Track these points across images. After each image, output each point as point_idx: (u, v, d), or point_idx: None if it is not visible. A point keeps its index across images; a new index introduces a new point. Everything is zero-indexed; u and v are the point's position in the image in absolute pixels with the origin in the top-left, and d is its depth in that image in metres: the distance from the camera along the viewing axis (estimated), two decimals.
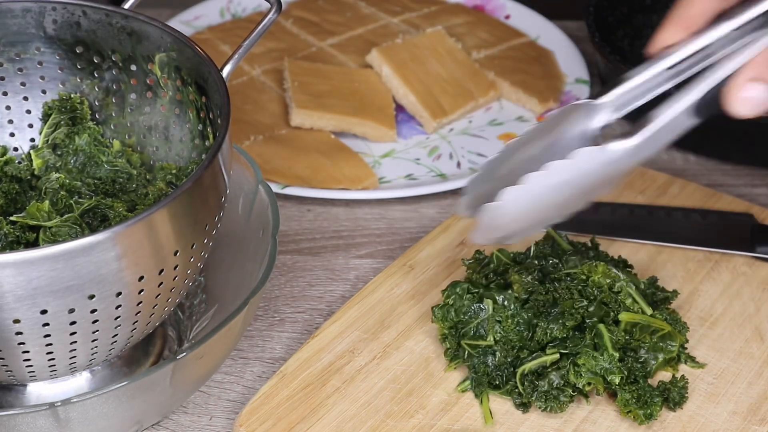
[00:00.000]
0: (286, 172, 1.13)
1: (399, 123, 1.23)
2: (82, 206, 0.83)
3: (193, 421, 0.89)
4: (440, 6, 1.41)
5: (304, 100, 1.20)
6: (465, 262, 0.95)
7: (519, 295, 0.88)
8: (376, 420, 0.85)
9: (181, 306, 0.95)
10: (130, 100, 0.91)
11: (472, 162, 1.17)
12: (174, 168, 0.88)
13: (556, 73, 1.30)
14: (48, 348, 0.75)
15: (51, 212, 0.82)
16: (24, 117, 0.93)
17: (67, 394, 0.85)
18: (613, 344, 0.86)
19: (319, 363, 0.90)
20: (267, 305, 1.00)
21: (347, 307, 0.95)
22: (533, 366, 0.86)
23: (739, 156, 1.16)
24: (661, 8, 1.35)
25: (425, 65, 1.27)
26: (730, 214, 1.05)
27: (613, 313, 0.87)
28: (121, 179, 0.89)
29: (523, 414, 0.86)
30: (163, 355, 0.91)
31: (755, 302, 0.96)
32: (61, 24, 0.89)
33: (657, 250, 1.02)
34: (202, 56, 0.84)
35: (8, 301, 0.70)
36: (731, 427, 0.85)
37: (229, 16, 1.40)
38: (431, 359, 0.90)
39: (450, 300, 0.89)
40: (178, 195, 0.74)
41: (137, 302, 0.76)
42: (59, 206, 0.83)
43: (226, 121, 0.79)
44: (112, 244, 0.71)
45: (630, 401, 0.84)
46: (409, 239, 1.08)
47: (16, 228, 0.81)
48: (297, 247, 1.07)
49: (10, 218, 0.81)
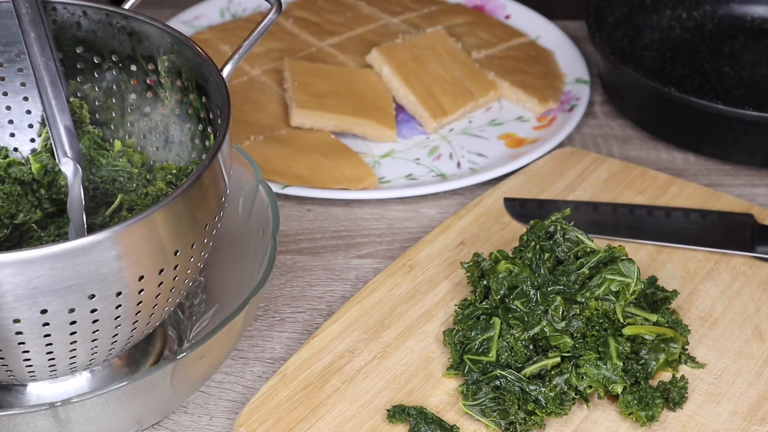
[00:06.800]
0: (286, 172, 1.13)
1: (399, 123, 1.23)
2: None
3: (193, 421, 0.89)
4: (440, 6, 1.41)
5: (304, 100, 1.20)
6: (464, 265, 0.95)
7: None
8: (376, 420, 0.85)
9: (181, 306, 0.95)
10: (130, 100, 0.91)
11: (472, 162, 1.17)
12: (174, 168, 0.88)
13: (556, 73, 1.30)
14: (48, 348, 0.75)
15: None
16: (24, 117, 0.93)
17: (67, 394, 0.85)
18: (618, 354, 0.86)
19: (319, 363, 0.90)
20: (267, 305, 1.00)
21: (347, 307, 0.95)
22: (535, 369, 0.86)
23: (739, 156, 1.17)
24: (661, 8, 1.35)
25: (425, 65, 1.27)
26: (730, 214, 1.05)
27: (616, 326, 0.88)
28: (122, 178, 0.89)
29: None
30: (163, 355, 0.91)
31: (755, 302, 0.96)
32: (61, 24, 0.89)
33: (657, 250, 1.02)
34: (203, 56, 0.84)
35: (8, 301, 0.70)
36: (731, 427, 0.85)
37: (229, 16, 1.40)
38: (431, 359, 0.90)
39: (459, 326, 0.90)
40: (178, 195, 0.74)
41: (137, 302, 0.76)
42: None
43: (226, 121, 0.79)
44: (112, 243, 0.71)
45: (631, 403, 0.84)
46: (409, 239, 1.08)
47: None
48: (297, 247, 1.07)
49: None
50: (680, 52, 1.31)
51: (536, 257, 0.91)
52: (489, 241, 1.03)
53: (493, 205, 1.07)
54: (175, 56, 0.86)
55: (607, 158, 1.14)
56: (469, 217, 1.05)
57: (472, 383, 0.87)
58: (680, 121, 1.17)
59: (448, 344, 0.90)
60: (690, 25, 1.35)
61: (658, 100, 1.17)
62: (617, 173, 1.11)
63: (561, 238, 0.92)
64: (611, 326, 0.87)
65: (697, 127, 1.16)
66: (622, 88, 1.22)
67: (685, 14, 1.36)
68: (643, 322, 0.88)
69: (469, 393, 0.86)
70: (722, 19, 1.36)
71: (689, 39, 1.33)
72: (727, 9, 1.36)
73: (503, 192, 1.09)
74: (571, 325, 0.87)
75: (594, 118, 1.25)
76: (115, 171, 0.89)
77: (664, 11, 1.36)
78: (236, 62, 0.84)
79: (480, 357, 0.87)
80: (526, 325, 0.87)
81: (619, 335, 0.87)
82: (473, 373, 0.87)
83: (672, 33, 1.34)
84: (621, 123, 1.25)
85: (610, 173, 1.11)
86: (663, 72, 1.27)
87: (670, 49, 1.31)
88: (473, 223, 1.05)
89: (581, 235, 0.92)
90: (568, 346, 0.86)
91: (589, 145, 1.21)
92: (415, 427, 0.84)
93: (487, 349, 0.87)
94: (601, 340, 0.86)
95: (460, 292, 0.97)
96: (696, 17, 1.36)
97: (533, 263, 0.91)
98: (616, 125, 1.24)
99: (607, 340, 0.86)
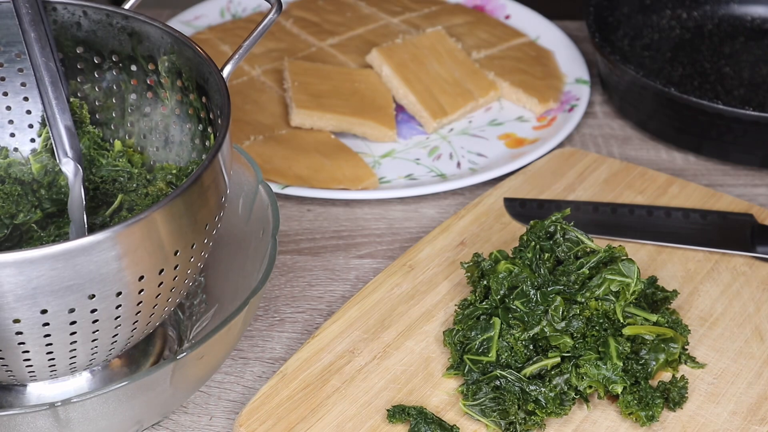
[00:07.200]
0: (286, 172, 1.13)
1: (399, 123, 1.23)
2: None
3: (193, 421, 0.89)
4: (440, 6, 1.41)
5: (304, 100, 1.20)
6: (464, 265, 0.95)
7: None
8: (376, 420, 0.85)
9: (181, 306, 0.95)
10: (130, 100, 0.91)
11: (472, 162, 1.17)
12: (174, 168, 0.88)
13: (556, 73, 1.30)
14: (48, 348, 0.75)
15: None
16: (24, 117, 0.93)
17: (67, 394, 0.85)
18: (618, 354, 0.86)
19: (319, 363, 0.90)
20: (267, 305, 1.00)
21: (347, 307, 0.95)
22: (535, 369, 0.86)
23: (739, 156, 1.17)
24: (661, 8, 1.35)
25: (425, 65, 1.27)
26: (730, 214, 1.05)
27: (616, 326, 0.88)
28: (122, 178, 0.89)
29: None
30: (163, 355, 0.91)
31: (755, 302, 0.96)
32: (61, 24, 0.89)
33: (657, 250, 1.02)
34: (203, 56, 0.84)
35: (8, 301, 0.70)
36: (731, 427, 0.85)
37: (229, 16, 1.40)
38: (431, 359, 0.90)
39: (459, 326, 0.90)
40: (178, 195, 0.74)
41: (137, 302, 0.76)
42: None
43: (226, 121, 0.79)
44: (112, 243, 0.71)
45: (631, 403, 0.84)
46: (409, 239, 1.08)
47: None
48: (297, 247, 1.07)
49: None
50: (680, 52, 1.31)
51: (536, 257, 0.91)
52: (489, 241, 1.03)
53: (493, 205, 1.07)
54: (176, 56, 0.86)
55: (607, 158, 1.14)
56: (469, 217, 1.05)
57: (472, 383, 0.87)
58: (680, 121, 1.17)
59: (448, 344, 0.90)
60: (690, 25, 1.35)
61: (658, 100, 1.17)
62: (617, 173, 1.11)
63: (561, 238, 0.92)
64: (611, 326, 0.87)
65: (697, 127, 1.16)
66: (622, 88, 1.22)
67: (685, 14, 1.36)
68: (643, 322, 0.88)
69: (469, 393, 0.86)
70: (722, 19, 1.36)
71: (689, 39, 1.33)
72: (727, 9, 1.36)
73: (503, 192, 1.09)
74: (571, 325, 0.87)
75: (594, 118, 1.25)
76: (116, 171, 0.89)
77: (664, 11, 1.36)
78: (236, 62, 0.84)
79: (480, 357, 0.87)
80: (526, 325, 0.87)
81: (619, 335, 0.87)
82: (473, 373, 0.87)
83: (672, 33, 1.34)
84: (621, 123, 1.25)
85: (610, 173, 1.11)
86: (663, 72, 1.27)
87: (670, 49, 1.31)
88: (473, 223, 1.05)
89: (581, 235, 0.92)
90: (568, 346, 0.86)
91: (589, 145, 1.21)
92: (415, 427, 0.84)
93: (487, 349, 0.87)
94: (601, 340, 0.86)
95: (460, 292, 0.97)
96: (696, 17, 1.36)
97: (533, 263, 0.91)
98: (616, 125, 1.24)
99: (607, 340, 0.86)
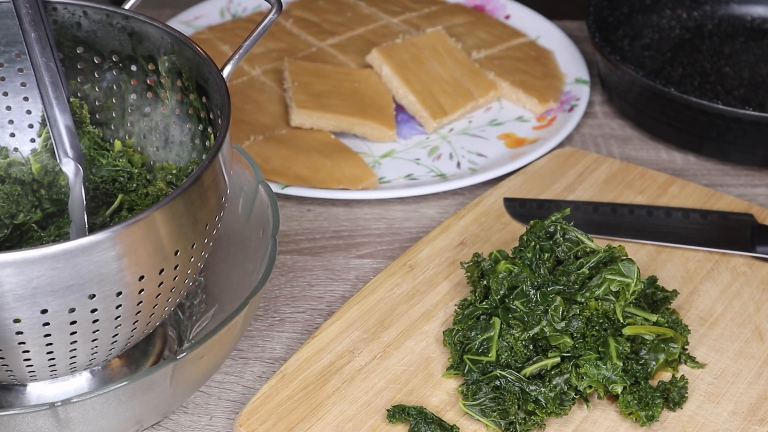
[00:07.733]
0: (286, 172, 1.13)
1: (399, 123, 1.23)
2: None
3: (193, 421, 0.89)
4: (440, 6, 1.41)
5: (304, 100, 1.20)
6: (464, 265, 0.95)
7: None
8: (376, 420, 0.85)
9: (181, 306, 0.95)
10: (130, 100, 0.91)
11: (472, 162, 1.17)
12: (174, 168, 0.88)
13: (556, 73, 1.30)
14: (48, 348, 0.75)
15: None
16: (24, 117, 0.93)
17: (67, 394, 0.85)
18: (618, 354, 0.86)
19: (319, 363, 0.90)
20: (267, 305, 1.00)
21: (347, 307, 0.95)
22: (535, 369, 0.86)
23: (739, 156, 1.17)
24: (661, 8, 1.35)
25: (425, 65, 1.27)
26: (730, 214, 1.05)
27: (616, 326, 0.88)
28: (122, 178, 0.89)
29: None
30: (163, 355, 0.91)
31: (755, 302, 0.96)
32: (61, 24, 0.89)
33: (657, 250, 1.02)
34: (203, 56, 0.84)
35: (8, 301, 0.70)
36: (731, 427, 0.85)
37: (229, 16, 1.40)
38: (431, 359, 0.91)
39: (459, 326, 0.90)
40: (178, 195, 0.74)
41: (137, 302, 0.76)
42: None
43: (226, 121, 0.79)
44: (112, 243, 0.71)
45: (631, 403, 0.84)
46: (409, 239, 1.08)
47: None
48: (297, 247, 1.07)
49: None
50: (680, 52, 1.31)
51: (536, 257, 0.91)
52: (489, 241, 1.03)
53: (493, 205, 1.07)
54: (176, 56, 0.86)
55: (607, 158, 1.14)
56: (469, 217, 1.05)
57: (472, 383, 0.87)
58: (680, 121, 1.17)
59: (448, 344, 0.90)
60: (690, 25, 1.35)
61: (658, 101, 1.17)
62: (617, 173, 1.11)
63: (561, 238, 0.92)
64: (611, 326, 0.87)
65: (697, 127, 1.16)
66: (622, 88, 1.22)
67: (685, 14, 1.36)
68: (643, 322, 0.88)
69: (469, 393, 0.86)
70: (722, 19, 1.36)
71: (689, 39, 1.33)
72: (727, 9, 1.36)
73: (503, 192, 1.09)
74: (571, 325, 0.87)
75: (594, 118, 1.25)
76: (116, 171, 0.89)
77: (664, 11, 1.36)
78: (236, 62, 0.84)
79: (480, 357, 0.87)
80: (526, 325, 0.87)
81: (619, 335, 0.87)
82: (473, 373, 0.87)
83: (672, 33, 1.34)
84: (621, 123, 1.25)
85: (610, 173, 1.11)
86: (663, 72, 1.28)
87: (670, 49, 1.31)
88: (473, 223, 1.05)
89: (581, 235, 0.92)
90: (568, 346, 0.86)
91: (589, 145, 1.21)
92: (415, 427, 0.84)
93: (487, 349, 0.87)
94: (601, 340, 0.86)
95: (460, 292, 0.97)
96: (696, 17, 1.36)
97: (533, 263, 0.91)
98: (616, 125, 1.24)
99: (607, 340, 0.86)
